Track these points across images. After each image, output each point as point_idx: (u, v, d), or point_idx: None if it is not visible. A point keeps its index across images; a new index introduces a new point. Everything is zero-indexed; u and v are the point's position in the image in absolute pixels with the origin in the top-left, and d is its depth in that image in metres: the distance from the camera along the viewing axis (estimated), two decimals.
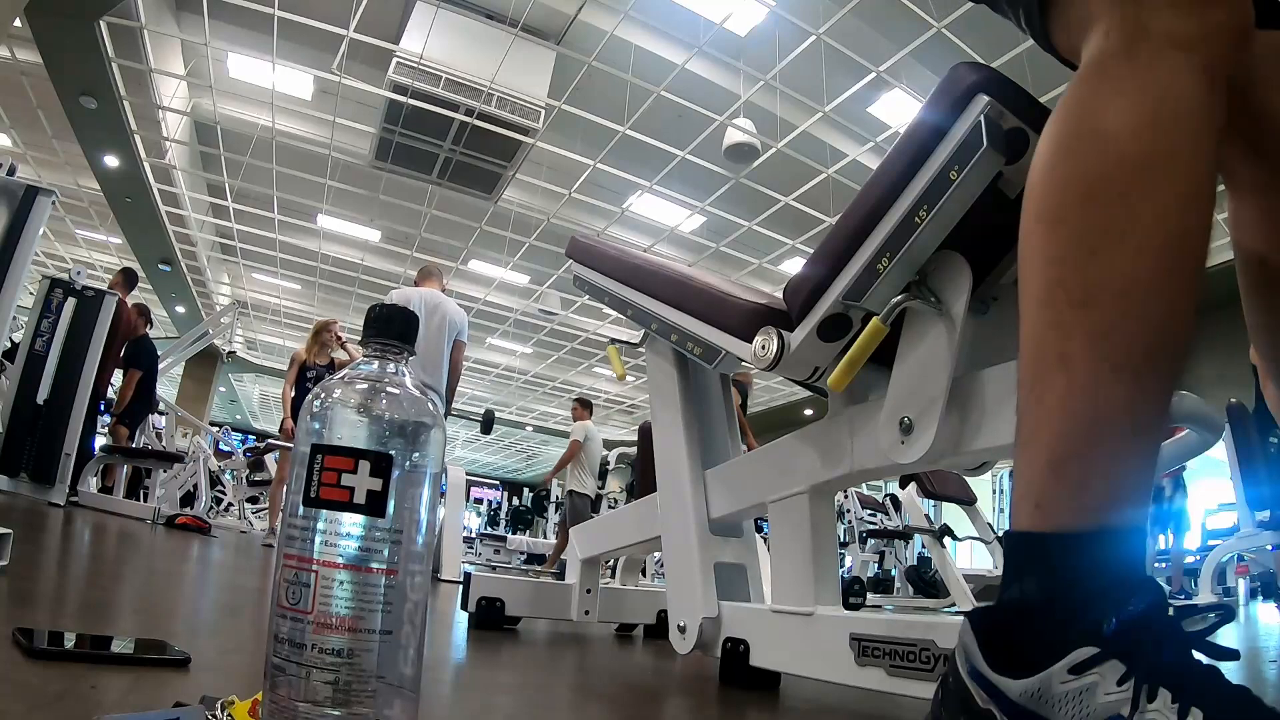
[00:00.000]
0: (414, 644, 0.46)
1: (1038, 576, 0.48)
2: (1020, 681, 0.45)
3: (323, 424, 0.45)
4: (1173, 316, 0.48)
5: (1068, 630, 0.45)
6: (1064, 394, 0.49)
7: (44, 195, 2.89)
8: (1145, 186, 0.49)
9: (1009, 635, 0.48)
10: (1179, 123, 0.50)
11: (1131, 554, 0.47)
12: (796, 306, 0.91)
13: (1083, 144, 0.53)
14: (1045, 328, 0.51)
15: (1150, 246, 0.48)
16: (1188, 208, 0.49)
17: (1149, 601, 0.44)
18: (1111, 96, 0.52)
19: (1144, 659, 0.43)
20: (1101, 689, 0.43)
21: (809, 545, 0.96)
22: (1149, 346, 0.48)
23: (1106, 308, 0.48)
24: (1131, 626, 0.44)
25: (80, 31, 5.51)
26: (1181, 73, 0.51)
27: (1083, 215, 0.51)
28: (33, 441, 3.98)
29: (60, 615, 1.01)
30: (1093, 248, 0.49)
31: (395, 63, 5.76)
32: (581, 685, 1.10)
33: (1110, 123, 0.52)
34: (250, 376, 16.06)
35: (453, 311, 3.91)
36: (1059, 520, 0.48)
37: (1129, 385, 0.47)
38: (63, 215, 9.65)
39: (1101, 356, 0.48)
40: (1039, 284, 0.52)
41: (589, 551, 1.52)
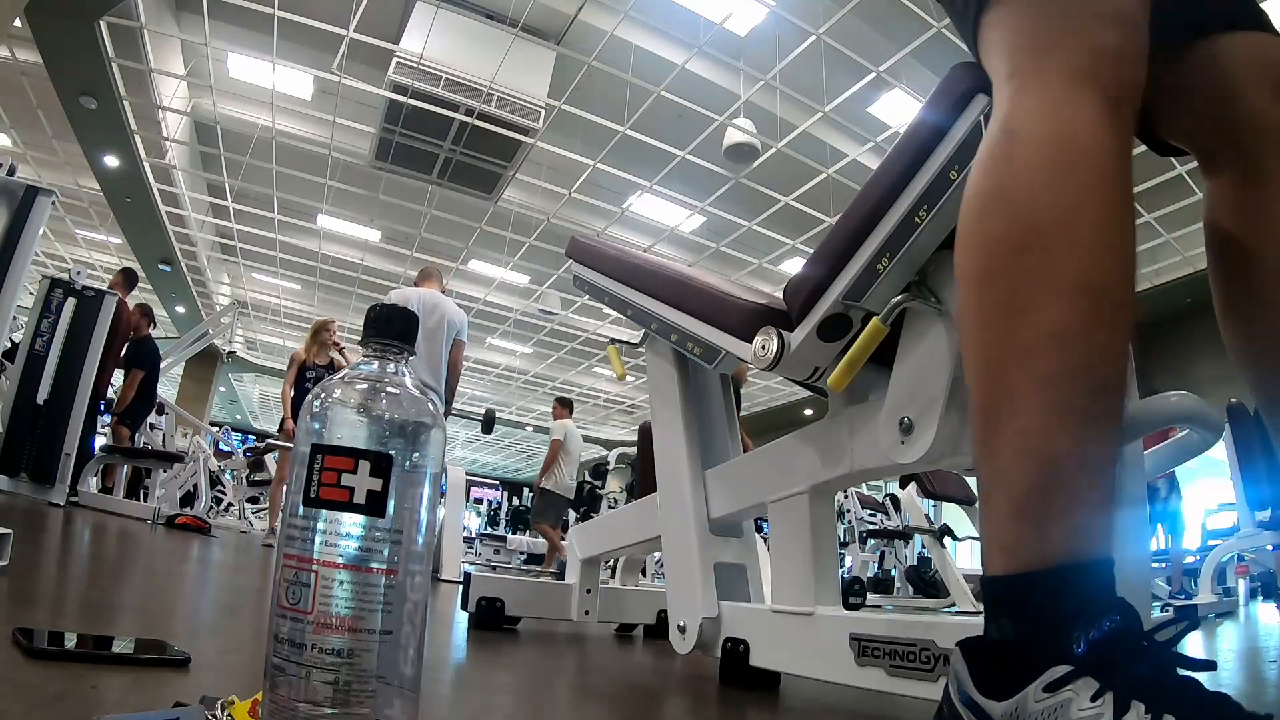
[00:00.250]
0: (414, 644, 0.46)
1: (1011, 615, 0.50)
2: (1001, 704, 0.48)
3: (323, 424, 0.45)
4: (1109, 354, 0.50)
5: (1043, 653, 0.47)
6: (1017, 445, 0.51)
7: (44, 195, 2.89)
8: (1064, 235, 0.52)
9: (994, 663, 0.50)
10: (1087, 162, 0.53)
11: (1099, 581, 0.49)
12: (796, 306, 0.91)
13: (1000, 203, 0.55)
14: (990, 384, 0.53)
15: (1078, 293, 0.51)
16: (1110, 246, 0.52)
17: (1120, 621, 0.46)
18: (1020, 148, 0.55)
19: (1116, 674, 0.44)
20: (1075, 705, 0.44)
21: (809, 545, 0.96)
22: (1091, 388, 0.50)
23: (1045, 358, 0.50)
24: (1103, 645, 0.45)
25: (80, 31, 5.51)
26: (1083, 105, 0.53)
27: (1008, 273, 0.53)
28: (33, 441, 3.98)
29: (60, 615, 1.01)
30: (1021, 305, 0.52)
31: (395, 63, 5.76)
32: (581, 685, 1.10)
33: (1021, 177, 0.54)
34: (250, 376, 16.06)
35: (452, 311, 3.91)
36: (1025, 561, 0.50)
37: (1076, 428, 0.49)
38: (63, 215, 9.65)
39: (1048, 407, 0.50)
40: (978, 344, 0.54)
41: (589, 551, 1.52)
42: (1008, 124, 0.57)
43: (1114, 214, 0.52)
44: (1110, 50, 0.54)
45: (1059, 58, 0.55)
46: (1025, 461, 0.50)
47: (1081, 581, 0.48)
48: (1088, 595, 0.48)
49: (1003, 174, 0.56)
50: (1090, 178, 0.52)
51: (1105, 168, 0.52)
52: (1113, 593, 0.49)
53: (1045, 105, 0.55)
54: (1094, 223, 0.52)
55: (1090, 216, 0.52)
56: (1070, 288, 0.51)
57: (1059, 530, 0.49)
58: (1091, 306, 0.50)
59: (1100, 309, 0.50)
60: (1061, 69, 0.55)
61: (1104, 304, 0.51)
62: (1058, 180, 0.53)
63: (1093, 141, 0.53)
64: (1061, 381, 0.50)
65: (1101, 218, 0.52)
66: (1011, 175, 0.55)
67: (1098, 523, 0.49)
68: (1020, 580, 0.50)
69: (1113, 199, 0.52)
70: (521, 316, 11.19)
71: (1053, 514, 0.49)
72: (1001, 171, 0.56)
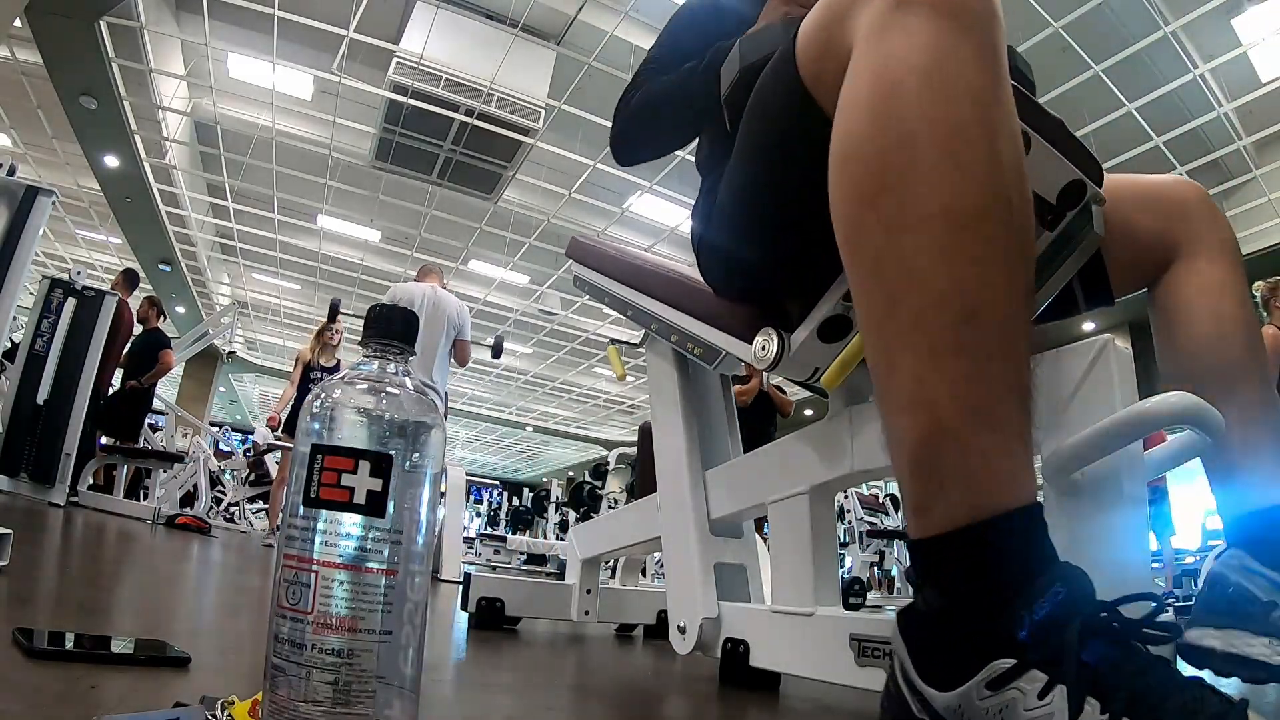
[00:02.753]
0: (414, 644, 0.46)
1: (935, 583, 0.46)
2: (944, 695, 0.43)
3: (323, 424, 0.45)
4: (975, 281, 0.46)
5: (983, 638, 0.42)
6: (899, 399, 0.47)
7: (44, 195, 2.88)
8: (907, 168, 0.48)
9: (932, 642, 0.46)
10: (920, 84, 0.48)
11: (1035, 538, 0.44)
12: (797, 307, 0.91)
13: (845, 148, 0.52)
14: (871, 341, 0.50)
15: (928, 222, 0.46)
16: (958, 165, 0.47)
17: (1065, 594, 0.41)
18: (852, 89, 0.53)
19: (1066, 665, 0.39)
20: (1022, 705, 0.40)
21: (809, 545, 0.96)
22: (958, 320, 0.45)
23: (906, 300, 0.47)
24: (1049, 625, 0.40)
25: (80, 31, 5.51)
26: (909, 22, 0.50)
27: (866, 221, 0.50)
28: (33, 441, 3.98)
29: (60, 615, 1.01)
30: (879, 251, 0.48)
31: (395, 63, 5.77)
32: (581, 685, 1.10)
33: (860, 115, 0.51)
34: (250, 376, 16.06)
35: (453, 308, 3.85)
36: (934, 521, 0.46)
37: (951, 367, 0.45)
38: (63, 215, 9.65)
39: (918, 352, 0.46)
40: (858, 304, 0.51)
41: (589, 552, 1.52)
42: (852, 65, 0.54)
43: (960, 129, 0.47)
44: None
45: (865, 3, 0.53)
46: (908, 415, 0.46)
47: (1004, 540, 0.43)
48: (1017, 557, 0.43)
49: (846, 117, 0.53)
50: (926, 98, 0.48)
51: (944, 82, 0.48)
52: (1049, 552, 0.44)
53: (871, 32, 0.52)
54: (936, 143, 0.47)
55: (932, 138, 0.47)
56: (920, 219, 0.47)
57: (958, 483, 0.44)
58: (943, 233, 0.46)
59: (954, 232, 0.46)
60: (875, 7, 0.52)
61: (957, 227, 0.46)
62: (892, 109, 0.49)
63: (927, 59, 0.49)
64: (927, 320, 0.46)
65: (944, 136, 0.47)
66: (851, 117, 0.52)
67: (1007, 466, 0.44)
68: (934, 544, 0.46)
69: (957, 115, 0.48)
70: (521, 317, 11.19)
71: (946, 466, 0.45)
72: (845, 115, 0.53)
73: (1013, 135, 0.50)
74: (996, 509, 0.44)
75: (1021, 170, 0.49)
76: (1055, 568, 0.43)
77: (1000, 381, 0.45)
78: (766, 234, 0.85)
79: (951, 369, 0.45)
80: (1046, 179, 0.77)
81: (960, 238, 0.46)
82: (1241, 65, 5.42)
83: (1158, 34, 5.19)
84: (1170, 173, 6.23)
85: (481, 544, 7.44)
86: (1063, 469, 0.68)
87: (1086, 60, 5.42)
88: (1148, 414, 0.61)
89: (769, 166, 0.79)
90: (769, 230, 0.84)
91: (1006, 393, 0.45)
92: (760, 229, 0.86)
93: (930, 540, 0.46)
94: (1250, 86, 5.56)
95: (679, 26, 1.17)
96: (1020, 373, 0.46)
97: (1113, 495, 0.67)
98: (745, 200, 0.86)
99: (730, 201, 0.89)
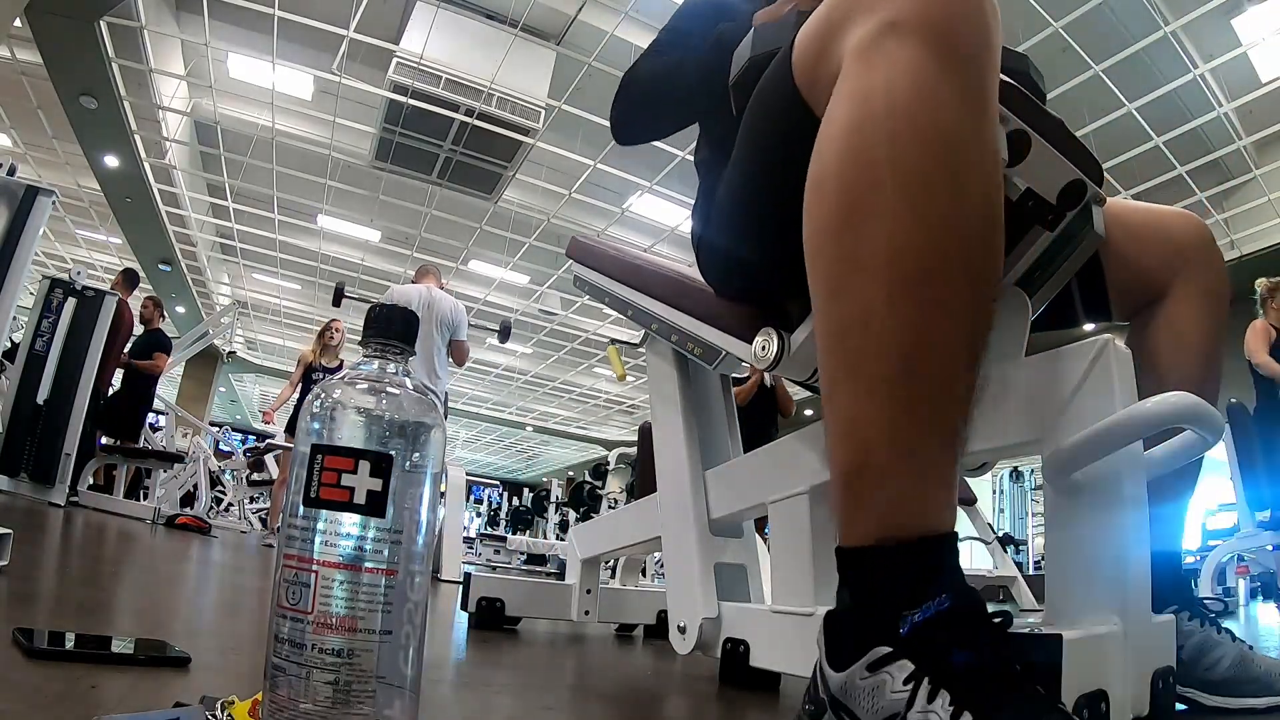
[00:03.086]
0: (414, 644, 0.46)
1: (848, 586, 0.51)
2: (836, 675, 0.49)
3: (323, 424, 0.45)
4: (917, 329, 0.47)
5: (872, 630, 0.48)
6: (835, 428, 0.51)
7: (44, 195, 2.88)
8: (867, 209, 0.49)
9: (838, 634, 0.51)
10: (885, 120, 0.49)
11: (929, 560, 0.48)
12: (797, 307, 0.91)
13: (815, 182, 0.53)
14: (822, 369, 0.53)
15: (877, 270, 0.48)
16: (913, 210, 0.48)
17: (947, 603, 0.46)
18: (828, 123, 0.53)
19: (932, 660, 0.44)
20: (889, 686, 0.45)
21: (809, 545, 0.96)
22: (900, 369, 0.48)
23: (852, 340, 0.50)
24: (926, 628, 0.45)
25: (80, 31, 5.51)
26: (908, 50, 0.49)
27: (825, 257, 0.52)
28: (33, 441, 3.98)
29: (60, 615, 1.01)
30: (835, 289, 0.51)
31: (395, 63, 5.77)
32: (581, 685, 1.10)
33: (830, 152, 0.52)
34: (250, 376, 16.06)
35: (449, 308, 3.87)
36: (853, 536, 0.51)
37: (886, 409, 0.48)
38: (63, 215, 9.65)
39: (858, 390, 0.49)
40: (817, 330, 0.53)
41: (589, 552, 1.52)
42: (838, 86, 0.54)
43: (926, 180, 0.48)
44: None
45: (862, 18, 0.53)
46: (841, 445, 0.51)
47: (913, 561, 0.48)
48: (915, 574, 0.47)
49: (821, 143, 0.53)
50: (898, 140, 0.48)
51: (919, 125, 0.48)
52: (946, 573, 0.48)
53: (859, 55, 0.52)
54: (899, 190, 0.48)
55: (896, 184, 0.48)
56: (872, 263, 0.48)
57: (876, 510, 0.49)
58: (891, 281, 0.47)
59: (901, 283, 0.47)
60: (866, 27, 0.53)
61: (905, 277, 0.47)
62: (864, 145, 0.49)
63: (906, 97, 0.48)
64: (865, 362, 0.49)
65: (909, 183, 0.48)
66: (826, 145, 0.53)
67: (920, 503, 0.48)
68: (851, 554, 0.51)
69: (926, 163, 0.48)
70: (522, 317, 11.19)
71: (867, 494, 0.49)
72: (821, 140, 0.53)
73: (986, 180, 0.50)
74: (904, 535, 0.48)
75: (993, 217, 0.50)
76: (951, 585, 0.47)
77: (928, 427, 0.48)
78: (766, 233, 0.85)
79: (882, 411, 0.48)
80: (1046, 179, 0.77)
81: (907, 289, 0.48)
82: (1241, 65, 5.42)
83: (1158, 34, 5.19)
84: (1170, 173, 6.24)
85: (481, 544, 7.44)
86: (1063, 469, 0.68)
87: (1086, 60, 5.42)
88: (1148, 414, 0.61)
89: (767, 166, 0.79)
90: (768, 230, 0.84)
91: (931, 438, 0.49)
92: (760, 228, 0.86)
93: (848, 550, 0.51)
94: (1250, 86, 5.56)
95: (686, 14, 1.19)
96: (949, 419, 0.49)
97: (1113, 495, 0.67)
98: (745, 200, 0.86)
99: (730, 201, 0.89)
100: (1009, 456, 0.88)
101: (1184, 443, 0.69)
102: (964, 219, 0.48)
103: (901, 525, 0.48)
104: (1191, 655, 0.87)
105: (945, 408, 0.49)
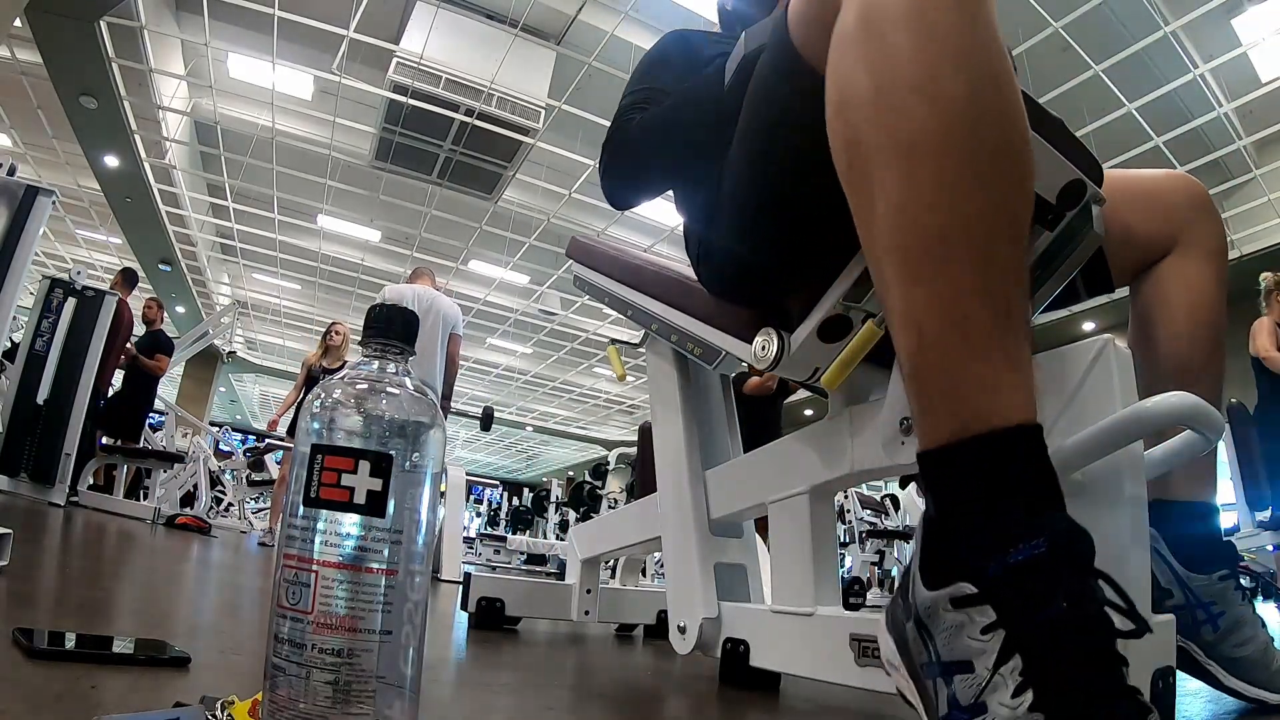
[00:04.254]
0: (414, 644, 0.46)
1: (932, 493, 0.48)
2: (926, 593, 0.46)
3: (323, 424, 0.45)
4: (943, 210, 0.47)
5: (961, 560, 0.44)
6: (893, 314, 0.50)
7: (44, 195, 2.88)
8: (890, 96, 0.49)
9: (930, 545, 0.48)
10: (896, 26, 0.49)
11: (1013, 463, 0.44)
12: (797, 307, 0.91)
13: (837, 101, 0.54)
14: (868, 256, 0.52)
15: (900, 159, 0.49)
16: (928, 100, 0.48)
17: (1045, 551, 0.41)
18: (839, 39, 0.54)
19: (1014, 614, 0.41)
20: (968, 631, 0.43)
21: (809, 545, 0.96)
22: (933, 242, 0.47)
23: (887, 227, 0.49)
24: (1015, 575, 0.41)
25: (80, 31, 5.52)
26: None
27: (857, 165, 0.52)
28: (33, 441, 3.98)
29: (60, 615, 1.01)
30: (865, 184, 0.51)
31: (395, 63, 5.77)
32: (581, 685, 1.10)
33: (845, 60, 0.53)
34: (250, 376, 16.06)
35: (446, 307, 3.92)
36: (928, 435, 0.48)
37: (931, 284, 0.47)
38: (63, 215, 9.66)
39: (905, 277, 0.49)
40: (856, 219, 0.53)
41: (589, 552, 1.52)
42: (842, 13, 0.55)
43: (937, 63, 0.48)
44: None
45: None
46: (900, 333, 0.49)
47: (988, 463, 0.45)
48: (1003, 489, 0.44)
49: (835, 55, 0.54)
50: (907, 35, 0.49)
51: (925, 20, 0.49)
52: (1034, 474, 0.45)
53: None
54: (915, 75, 0.49)
55: (912, 70, 0.49)
56: (894, 148, 0.49)
57: (941, 397, 0.47)
58: (914, 160, 0.48)
59: (923, 159, 0.48)
60: None
61: (925, 154, 0.48)
62: (877, 44, 0.50)
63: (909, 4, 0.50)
64: (907, 248, 0.48)
65: (923, 68, 0.49)
66: (838, 56, 0.54)
67: (988, 384, 0.45)
68: (927, 457, 0.48)
69: (937, 49, 0.49)
70: (521, 316, 11.19)
71: (932, 381, 0.47)
72: (835, 54, 0.54)
73: (996, 53, 0.50)
74: (979, 426, 0.45)
75: (1007, 85, 0.50)
76: (1049, 520, 0.43)
77: (978, 297, 0.47)
78: (767, 225, 0.85)
79: (930, 288, 0.47)
80: (1046, 179, 0.77)
81: (931, 164, 0.48)
82: (1241, 65, 5.42)
83: (1158, 34, 5.19)
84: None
85: (481, 544, 7.44)
86: (1063, 469, 0.68)
87: (1086, 60, 5.42)
88: (1148, 414, 0.61)
89: (769, 147, 0.79)
90: (770, 221, 0.84)
91: (984, 308, 0.47)
92: (762, 219, 0.86)
93: (924, 454, 0.48)
94: (1250, 86, 5.57)
95: (651, 66, 1.15)
96: (1000, 289, 0.47)
97: (1113, 495, 0.67)
98: (749, 195, 0.86)
99: (731, 194, 0.89)
100: None
101: (1184, 443, 0.69)
102: (983, 89, 0.49)
103: (974, 414, 0.45)
104: (1228, 626, 0.86)
105: (992, 277, 0.47)
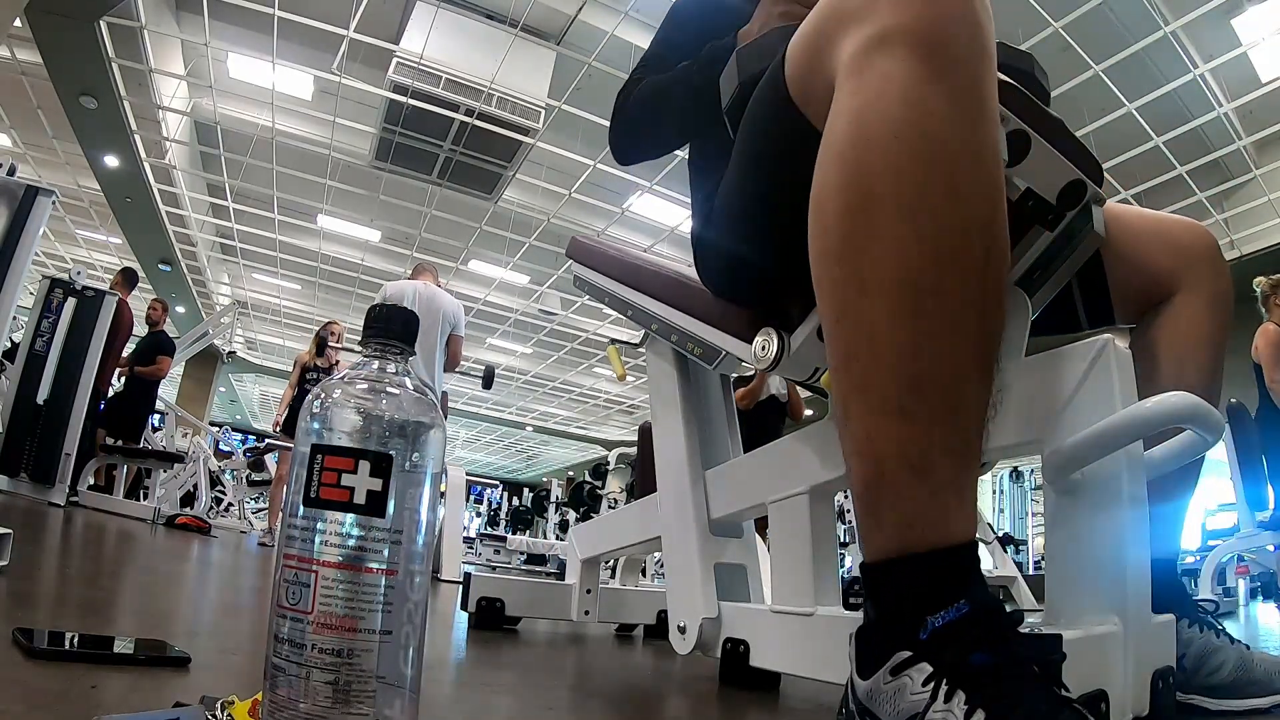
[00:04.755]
0: (414, 644, 0.46)
1: (873, 599, 0.52)
2: (863, 682, 0.51)
3: (323, 424, 0.45)
4: (924, 348, 0.48)
5: (895, 637, 0.49)
6: (849, 445, 0.52)
7: (44, 195, 2.88)
8: (866, 231, 0.49)
9: (865, 645, 0.52)
10: (884, 139, 0.49)
11: (953, 570, 0.49)
12: (797, 307, 0.91)
13: (817, 206, 0.53)
14: (834, 390, 0.53)
15: (882, 290, 0.48)
16: (914, 229, 0.48)
17: (966, 608, 0.47)
18: (825, 147, 0.53)
19: (950, 662, 0.45)
20: (910, 689, 0.46)
21: (809, 545, 0.96)
22: (907, 385, 0.48)
23: (860, 360, 0.50)
24: (945, 631, 0.47)
25: (80, 31, 5.51)
26: (899, 62, 0.49)
27: (832, 279, 0.52)
28: (33, 441, 3.98)
29: (60, 615, 1.01)
30: (841, 311, 0.51)
31: (395, 63, 5.77)
32: (581, 685, 1.10)
33: (829, 174, 0.52)
34: (250, 376, 16.06)
35: (447, 304, 3.88)
36: (875, 551, 0.52)
37: (896, 427, 0.49)
38: (63, 215, 9.65)
39: (869, 408, 0.50)
40: (828, 353, 0.54)
41: (589, 552, 1.52)
42: (833, 106, 0.53)
43: (925, 194, 0.48)
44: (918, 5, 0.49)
45: (853, 30, 0.52)
46: (856, 461, 0.52)
47: (925, 570, 0.49)
48: (934, 583, 0.48)
49: (822, 165, 0.53)
50: (893, 157, 0.48)
51: (913, 140, 0.48)
52: (968, 580, 0.49)
53: (851, 71, 0.52)
54: (899, 209, 0.48)
55: (896, 202, 0.48)
56: (876, 283, 0.49)
57: (893, 526, 0.50)
58: (897, 301, 0.48)
59: (907, 301, 0.48)
60: (856, 40, 0.52)
61: (910, 296, 0.48)
62: (861, 165, 0.50)
63: (898, 112, 0.48)
64: (875, 382, 0.49)
65: (907, 200, 0.48)
66: (825, 167, 0.53)
67: (936, 517, 0.49)
68: (873, 569, 0.52)
69: (923, 177, 0.48)
70: (521, 316, 11.19)
71: (884, 511, 0.50)
72: (821, 163, 0.54)
73: (987, 187, 0.50)
74: (922, 548, 0.49)
75: (996, 224, 0.50)
76: (970, 591, 0.48)
77: (940, 445, 0.49)
78: (764, 241, 0.85)
79: (893, 430, 0.49)
80: (1046, 179, 0.77)
81: (913, 307, 0.48)
82: (1241, 65, 5.42)
83: (1158, 34, 5.19)
84: (1170, 173, 6.25)
85: (481, 544, 7.44)
86: (1063, 469, 0.68)
87: (1086, 60, 5.42)
88: (1148, 414, 0.61)
89: (765, 179, 0.79)
90: (766, 237, 0.85)
91: (944, 455, 0.49)
92: (758, 235, 0.86)
93: (870, 565, 0.52)
94: (1250, 86, 5.56)
95: (674, 24, 1.19)
96: (962, 434, 0.50)
97: (1113, 495, 0.67)
98: (743, 208, 0.86)
99: (727, 209, 0.89)
100: (1009, 456, 0.88)
101: (1184, 443, 0.69)
102: (968, 228, 0.48)
103: (919, 539, 0.49)
104: (1194, 663, 0.87)
105: (957, 424, 0.49)
